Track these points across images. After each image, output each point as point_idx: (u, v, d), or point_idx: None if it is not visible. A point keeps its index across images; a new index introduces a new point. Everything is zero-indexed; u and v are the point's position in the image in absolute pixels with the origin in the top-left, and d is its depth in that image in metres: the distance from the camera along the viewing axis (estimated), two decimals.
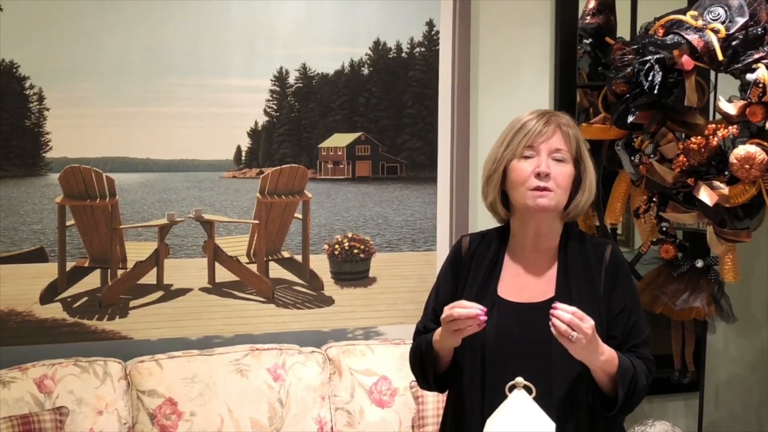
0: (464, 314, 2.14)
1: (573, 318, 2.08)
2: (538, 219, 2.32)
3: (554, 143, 2.29)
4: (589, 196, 2.35)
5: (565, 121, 2.34)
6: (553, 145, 2.29)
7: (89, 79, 3.28)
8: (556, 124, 2.31)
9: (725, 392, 4.19)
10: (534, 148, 2.29)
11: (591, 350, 2.14)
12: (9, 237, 3.23)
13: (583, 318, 2.09)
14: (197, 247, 3.46)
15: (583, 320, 2.09)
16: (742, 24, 3.07)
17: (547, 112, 2.37)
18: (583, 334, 2.08)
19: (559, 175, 2.28)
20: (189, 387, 3.17)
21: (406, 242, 3.74)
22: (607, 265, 2.34)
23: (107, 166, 3.33)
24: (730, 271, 3.25)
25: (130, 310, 3.37)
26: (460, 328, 2.16)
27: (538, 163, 2.27)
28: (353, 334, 3.64)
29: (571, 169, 2.31)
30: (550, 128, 2.30)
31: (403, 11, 3.64)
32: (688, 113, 3.18)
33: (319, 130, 3.62)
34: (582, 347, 2.11)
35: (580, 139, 2.35)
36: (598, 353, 2.16)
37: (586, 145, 2.39)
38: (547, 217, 2.32)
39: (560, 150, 2.29)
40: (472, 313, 2.13)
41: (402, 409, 3.36)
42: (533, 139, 2.29)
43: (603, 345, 2.19)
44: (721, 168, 3.09)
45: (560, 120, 2.33)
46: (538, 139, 2.29)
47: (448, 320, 2.17)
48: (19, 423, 2.84)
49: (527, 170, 2.28)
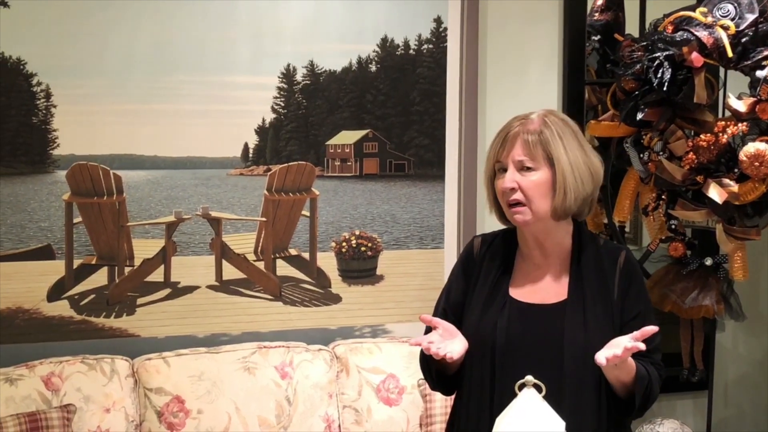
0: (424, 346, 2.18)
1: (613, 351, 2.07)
2: (530, 229, 2.31)
3: (516, 154, 2.25)
4: (568, 196, 2.25)
5: (533, 127, 2.26)
6: (516, 157, 2.25)
7: (96, 76, 3.27)
8: (518, 133, 2.26)
9: (734, 391, 4.18)
10: (501, 161, 2.28)
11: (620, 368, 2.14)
12: (16, 234, 3.23)
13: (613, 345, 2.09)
14: (204, 245, 3.46)
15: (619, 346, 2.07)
16: (751, 20, 3.05)
17: (525, 117, 2.30)
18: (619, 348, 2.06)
19: (527, 186, 2.24)
20: (196, 385, 3.17)
21: (414, 240, 3.73)
22: (621, 270, 2.32)
23: (114, 164, 3.33)
24: (740, 269, 3.24)
25: (137, 308, 3.37)
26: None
27: (502, 178, 2.27)
28: (361, 331, 3.63)
29: (543, 175, 2.24)
30: (511, 138, 2.26)
31: (411, 8, 3.63)
32: (698, 110, 3.17)
33: (326, 128, 3.62)
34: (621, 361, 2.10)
35: (548, 141, 2.25)
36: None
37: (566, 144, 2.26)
38: (536, 226, 2.29)
39: (522, 160, 2.25)
40: (423, 346, 2.17)
41: (410, 408, 3.35)
42: (498, 155, 2.28)
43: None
44: (731, 165, 3.07)
45: (527, 127, 2.26)
46: (503, 153, 2.27)
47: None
48: (26, 421, 2.84)
49: (499, 186, 2.28)
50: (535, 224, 2.28)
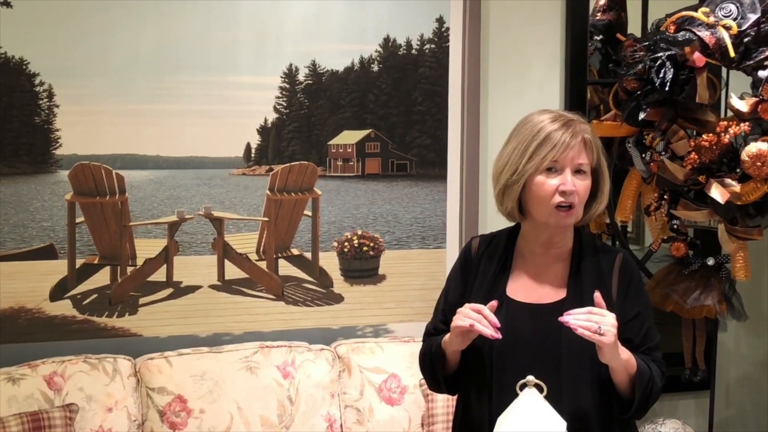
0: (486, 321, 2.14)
1: (590, 315, 2.08)
2: (553, 230, 2.29)
3: (579, 157, 2.22)
4: (604, 203, 2.32)
5: (587, 129, 2.27)
6: (578, 160, 2.22)
7: (99, 75, 3.28)
8: (581, 136, 2.23)
9: (736, 391, 4.18)
10: (558, 161, 2.21)
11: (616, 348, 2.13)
12: (19, 234, 3.23)
13: (602, 313, 2.09)
14: (207, 245, 3.46)
15: (603, 315, 2.09)
16: (754, 21, 3.05)
17: (568, 119, 2.26)
18: (610, 325, 2.07)
19: (581, 190, 2.23)
20: (198, 384, 3.17)
21: (416, 240, 3.73)
22: (619, 271, 2.32)
23: (117, 163, 3.33)
24: (742, 269, 3.24)
25: (139, 308, 3.38)
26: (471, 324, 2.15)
27: (563, 180, 2.20)
28: (363, 331, 3.63)
29: (590, 180, 2.26)
30: (577, 141, 2.21)
31: (413, 8, 3.63)
32: (700, 110, 3.17)
33: (328, 128, 3.62)
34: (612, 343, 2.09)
35: (599, 147, 2.29)
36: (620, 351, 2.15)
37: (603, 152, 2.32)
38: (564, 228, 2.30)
39: (583, 164, 2.23)
40: (493, 321, 2.14)
41: (411, 407, 3.36)
42: (559, 154, 2.20)
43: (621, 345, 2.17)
44: (733, 165, 3.07)
45: (583, 129, 2.25)
46: (565, 153, 2.21)
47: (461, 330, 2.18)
48: (28, 420, 2.84)
49: (552, 187, 2.21)
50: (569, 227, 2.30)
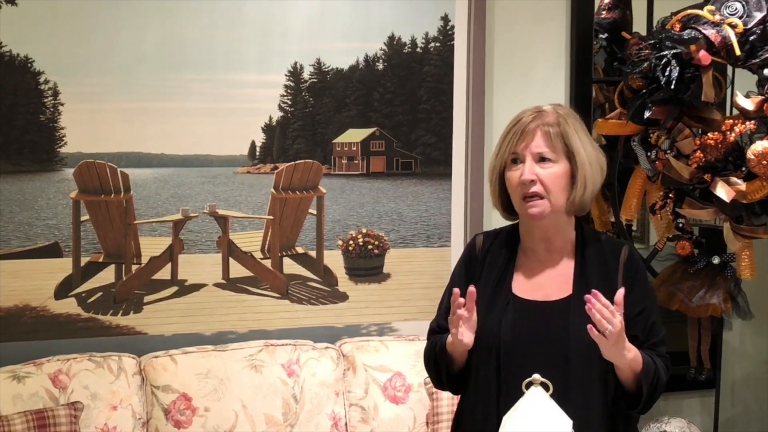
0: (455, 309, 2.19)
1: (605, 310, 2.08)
2: (540, 224, 2.29)
3: (536, 146, 2.24)
4: (587, 190, 2.27)
5: (551, 120, 2.26)
6: (535, 149, 2.24)
7: (104, 74, 3.28)
8: (537, 125, 2.25)
9: (741, 389, 4.17)
10: (518, 153, 2.25)
11: (620, 347, 2.13)
12: (24, 232, 3.24)
13: (614, 313, 2.09)
14: (211, 243, 3.46)
15: (614, 315, 2.09)
16: (759, 19, 3.04)
17: (538, 110, 2.29)
18: (614, 326, 2.07)
19: (547, 178, 2.23)
20: (203, 382, 3.17)
21: (421, 238, 3.73)
22: (624, 265, 2.32)
23: (122, 162, 3.33)
24: (747, 267, 3.23)
25: (144, 306, 3.38)
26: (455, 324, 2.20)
27: (521, 170, 2.24)
28: (367, 330, 3.63)
29: (562, 167, 2.25)
30: (530, 130, 2.24)
31: (418, 6, 3.63)
32: (705, 109, 3.16)
33: (333, 126, 3.61)
34: (613, 343, 2.09)
35: (567, 133, 2.26)
36: (626, 350, 2.15)
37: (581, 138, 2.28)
38: (549, 220, 2.28)
39: (543, 152, 2.24)
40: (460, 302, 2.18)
41: (416, 406, 3.35)
42: (515, 146, 2.25)
43: (628, 342, 2.17)
44: (738, 164, 3.06)
45: (545, 119, 2.26)
46: (520, 145, 2.24)
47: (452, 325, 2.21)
48: (33, 418, 2.84)
49: (516, 178, 2.25)
50: (548, 218, 2.27)
